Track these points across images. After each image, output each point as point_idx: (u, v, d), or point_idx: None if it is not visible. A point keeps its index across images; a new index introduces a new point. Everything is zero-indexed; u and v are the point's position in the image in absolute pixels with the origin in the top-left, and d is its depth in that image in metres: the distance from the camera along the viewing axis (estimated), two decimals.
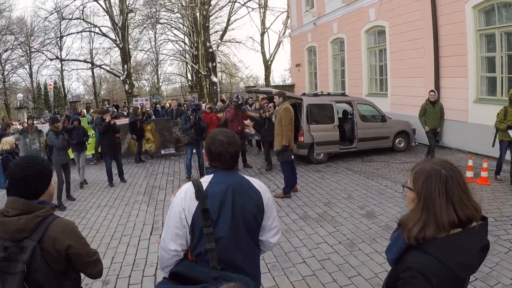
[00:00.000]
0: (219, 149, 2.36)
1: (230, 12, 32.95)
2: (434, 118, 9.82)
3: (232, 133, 2.50)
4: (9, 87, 38.40)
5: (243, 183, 2.41)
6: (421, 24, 12.50)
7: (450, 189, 1.65)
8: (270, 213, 2.48)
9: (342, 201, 7.65)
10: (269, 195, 2.50)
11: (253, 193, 2.40)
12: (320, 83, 21.08)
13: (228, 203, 2.27)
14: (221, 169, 2.40)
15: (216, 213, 2.24)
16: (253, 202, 2.37)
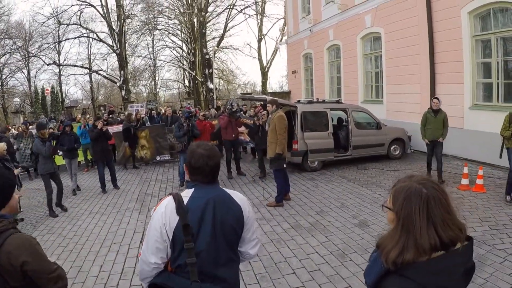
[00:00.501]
0: (199, 163, 2.36)
1: (227, 19, 33.00)
2: (435, 128, 9.02)
3: (212, 146, 2.50)
4: (7, 91, 38.35)
5: (223, 197, 2.42)
6: (417, 30, 12.43)
7: (431, 210, 1.52)
8: (251, 225, 2.50)
9: (335, 210, 7.53)
10: (249, 209, 2.51)
11: (234, 206, 2.41)
12: (316, 90, 20.99)
13: (208, 216, 2.29)
14: (202, 182, 2.40)
15: (197, 227, 2.26)
16: (233, 215, 2.38)
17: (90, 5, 29.11)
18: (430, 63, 11.96)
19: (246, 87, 48.11)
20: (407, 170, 10.45)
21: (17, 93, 40.11)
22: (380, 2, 14.13)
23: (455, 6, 10.93)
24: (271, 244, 6.11)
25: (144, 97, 46.97)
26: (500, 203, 7.31)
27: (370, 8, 14.80)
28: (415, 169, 10.57)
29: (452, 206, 1.58)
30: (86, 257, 6.05)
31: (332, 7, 17.41)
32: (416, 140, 12.53)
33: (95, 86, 45.87)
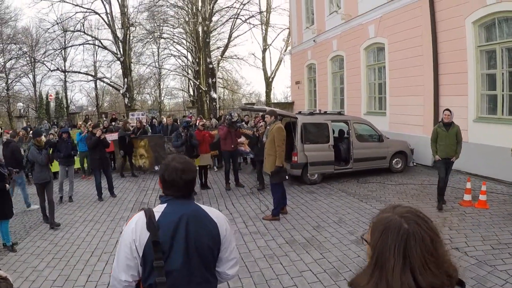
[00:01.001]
0: (172, 176, 2.26)
1: (231, 28, 32.92)
2: (447, 144, 8.00)
3: (187, 160, 2.39)
4: (12, 95, 38.50)
5: (198, 213, 2.30)
6: (421, 41, 12.24)
7: (410, 249, 1.28)
8: (228, 244, 2.39)
9: (332, 225, 7.28)
10: (226, 226, 2.40)
11: (209, 223, 2.30)
12: (320, 101, 20.83)
13: (181, 234, 2.18)
14: (175, 197, 2.30)
15: (168, 245, 2.15)
16: (209, 233, 2.27)
17: (95, 13, 29.15)
18: (434, 74, 11.76)
19: (250, 97, 48.10)
20: (408, 185, 10.19)
21: (22, 97, 40.30)
22: (384, 12, 13.98)
23: (459, 16, 10.75)
24: (263, 259, 5.89)
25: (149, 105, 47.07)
26: (504, 221, 7.05)
27: (374, 18, 14.64)
28: (417, 184, 10.28)
29: (440, 247, 1.34)
30: (75, 265, 5.98)
31: (336, 17, 17.29)
32: (419, 153, 12.31)
33: (100, 93, 46.08)
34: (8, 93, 37.68)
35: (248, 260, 5.92)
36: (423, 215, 1.39)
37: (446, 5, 11.25)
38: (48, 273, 5.73)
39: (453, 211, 7.64)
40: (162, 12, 31.37)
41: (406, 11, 12.88)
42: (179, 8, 32.57)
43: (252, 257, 6.03)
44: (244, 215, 8.30)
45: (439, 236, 1.35)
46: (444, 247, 1.35)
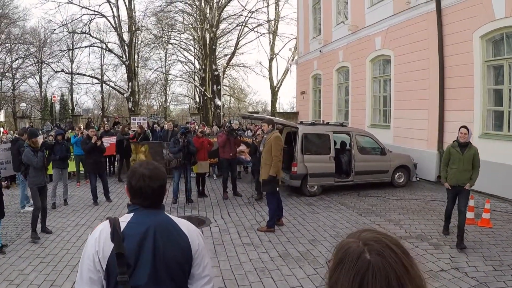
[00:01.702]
0: (139, 184, 2.09)
1: (238, 36, 32.84)
2: (460, 169, 6.63)
3: (157, 166, 2.21)
4: (18, 95, 38.66)
5: (167, 225, 2.12)
6: (427, 54, 12.03)
7: (366, 285, 0.97)
8: (201, 260, 2.18)
9: (328, 240, 7.03)
10: (199, 241, 2.19)
11: (179, 237, 2.11)
12: (324, 112, 20.62)
13: (148, 247, 2.00)
14: (143, 206, 2.12)
15: (134, 258, 1.97)
16: (179, 248, 2.08)
17: (102, 15, 29.16)
18: (440, 88, 11.52)
19: (257, 106, 48.02)
20: (410, 199, 9.92)
21: (27, 98, 40.47)
22: (391, 24, 13.80)
23: (467, 30, 10.54)
24: (254, 273, 5.66)
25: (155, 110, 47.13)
26: (507, 240, 6.79)
27: (381, 30, 14.46)
28: (419, 199, 10.01)
29: (411, 284, 0.99)
30: (61, 271, 5.84)
31: (343, 28, 17.12)
32: (422, 168, 12.04)
33: (106, 97, 46.21)
34: (14, 93, 37.84)
35: (238, 272, 5.69)
36: (394, 244, 1.05)
37: (454, 19, 11.05)
38: (34, 277, 5.58)
39: (454, 229, 7.30)
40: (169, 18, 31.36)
41: (413, 23, 12.69)
42: (188, 15, 32.64)
43: (243, 269, 5.79)
44: (239, 226, 8.07)
45: (409, 273, 1.00)
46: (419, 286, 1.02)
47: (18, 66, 36.99)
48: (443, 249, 6.36)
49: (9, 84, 38.47)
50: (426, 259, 5.89)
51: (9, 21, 34.45)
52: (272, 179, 7.51)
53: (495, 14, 9.75)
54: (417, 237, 7.00)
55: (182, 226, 2.16)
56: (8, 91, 38.20)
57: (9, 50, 35.59)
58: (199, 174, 11.00)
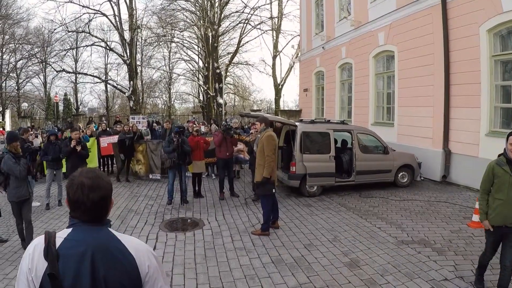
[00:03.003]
0: (77, 195, 1.82)
1: (241, 34, 32.46)
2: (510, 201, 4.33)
3: (99, 175, 1.92)
4: (22, 95, 38.69)
5: (109, 244, 1.84)
6: (432, 49, 11.56)
7: None
8: (153, 283, 1.90)
9: (325, 244, 6.62)
10: (150, 262, 1.89)
11: (123, 258, 1.82)
12: (327, 110, 20.22)
13: (86, 270, 1.73)
14: (83, 221, 1.85)
15: (71, 281, 1.71)
16: (123, 270, 1.79)
17: (102, 14, 28.87)
18: (445, 85, 11.07)
19: (262, 103, 47.76)
20: (414, 201, 9.47)
21: (31, 98, 40.54)
22: (394, 19, 13.37)
23: (473, 23, 10.08)
24: (243, 280, 5.28)
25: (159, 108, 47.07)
26: None
27: (384, 25, 14.02)
28: (423, 200, 9.53)
29: None
30: None
31: (346, 23, 16.70)
32: (427, 167, 11.61)
33: (110, 96, 46.18)
34: (18, 93, 37.86)
35: (226, 280, 5.31)
36: None
37: (460, 12, 10.61)
38: None
39: (459, 233, 6.92)
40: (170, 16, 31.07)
41: (417, 18, 12.25)
42: (190, 13, 32.34)
43: (232, 277, 5.41)
44: (233, 228, 7.69)
45: None
46: None
47: (22, 66, 37.00)
48: (447, 256, 5.90)
49: (13, 84, 38.54)
50: (429, 266, 5.48)
51: (12, 21, 34.35)
52: (266, 181, 7.12)
53: (502, 7, 9.30)
54: (420, 241, 6.55)
55: (129, 245, 1.86)
56: (13, 91, 38.22)
57: (13, 50, 35.54)
58: (195, 174, 10.65)
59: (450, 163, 11.20)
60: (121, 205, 9.82)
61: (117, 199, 10.53)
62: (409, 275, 5.22)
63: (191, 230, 7.66)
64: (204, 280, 5.32)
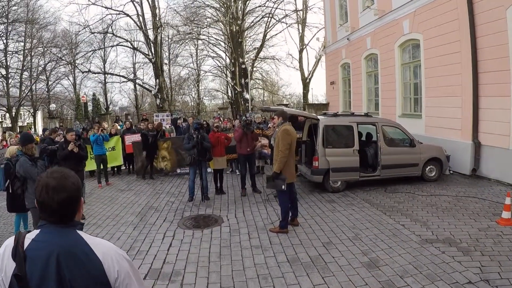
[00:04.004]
0: (43, 196, 1.80)
1: (266, 28, 32.22)
2: None
3: (67, 175, 1.87)
4: (52, 97, 39.67)
5: (75, 247, 1.77)
6: (458, 36, 11.00)
7: None
8: None
9: (345, 242, 6.36)
10: (120, 266, 1.82)
11: (89, 262, 1.76)
12: (354, 102, 19.75)
13: (51, 272, 1.69)
14: (50, 222, 1.81)
15: (37, 282, 1.69)
16: (89, 274, 1.75)
17: (126, 15, 29.20)
18: (473, 73, 10.50)
19: (291, 98, 47.44)
20: (441, 196, 9.02)
21: (61, 99, 41.54)
22: (418, 5, 12.81)
23: (500, 7, 9.48)
24: (255, 280, 5.11)
25: (190, 106, 47.45)
26: None
27: (408, 13, 13.47)
28: (451, 195, 9.06)
29: None
30: None
31: (369, 13, 16.18)
32: (456, 160, 11.12)
33: (139, 94, 46.80)
34: (48, 95, 38.81)
35: (238, 279, 5.16)
36: None
37: None
38: None
39: (488, 231, 6.49)
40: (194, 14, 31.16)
41: (441, 3, 11.67)
42: (214, 9, 32.31)
43: (244, 276, 5.25)
44: (251, 225, 7.53)
45: None
46: None
47: (52, 69, 37.89)
48: (473, 256, 5.47)
49: (44, 86, 39.54)
50: (453, 268, 5.11)
51: (39, 26, 35.25)
52: (275, 176, 6.89)
53: None
54: (445, 240, 6.16)
55: (96, 249, 1.80)
56: (43, 93, 39.20)
57: (42, 54, 36.39)
58: (217, 170, 10.54)
59: (480, 155, 10.66)
60: (142, 203, 9.88)
61: (139, 196, 10.67)
62: (430, 277, 4.88)
63: (209, 228, 7.55)
64: (216, 279, 5.19)
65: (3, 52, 32.83)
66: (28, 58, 35.68)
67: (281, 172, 6.87)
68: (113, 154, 13.96)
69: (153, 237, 7.13)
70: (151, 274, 5.45)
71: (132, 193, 10.99)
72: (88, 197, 10.67)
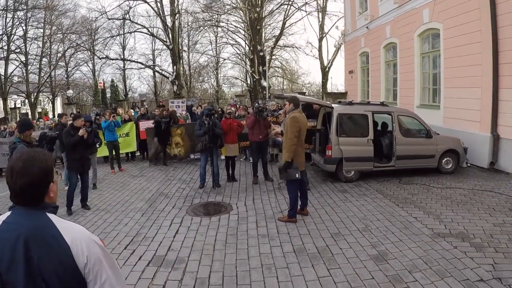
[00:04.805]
0: (7, 179, 1.78)
1: (285, 16, 31.89)
2: None
3: (32, 157, 1.80)
4: (72, 83, 40.09)
5: (44, 231, 1.72)
6: (479, 25, 10.60)
7: None
8: (95, 277, 1.75)
9: (354, 234, 6.19)
10: (90, 252, 1.75)
11: (58, 246, 1.70)
12: (372, 92, 19.39)
13: (20, 255, 1.65)
14: (19, 205, 1.78)
15: (7, 265, 1.64)
16: (56, 259, 1.68)
17: (143, 1, 29.21)
18: (493, 64, 10.13)
19: (311, 87, 47.07)
20: (457, 189, 8.75)
21: (80, 85, 41.95)
22: None
23: None
24: (259, 270, 4.99)
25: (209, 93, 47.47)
26: None
27: (428, 1, 13.03)
28: (467, 188, 8.79)
29: None
30: None
31: (389, 1, 15.77)
32: (473, 152, 10.80)
33: (158, 81, 46.95)
34: (68, 81, 39.22)
35: (241, 269, 5.05)
36: None
37: None
38: None
39: (503, 227, 6.14)
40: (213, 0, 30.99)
41: None
42: None
43: (248, 265, 5.15)
44: (260, 214, 7.42)
45: None
46: None
47: (71, 55, 38.20)
48: (486, 252, 5.22)
49: (63, 72, 39.94)
50: (464, 264, 4.87)
51: (58, 12, 35.54)
52: (287, 165, 6.73)
53: None
54: (458, 235, 5.92)
55: (65, 233, 1.74)
56: (62, 80, 39.60)
57: (61, 40, 36.66)
58: (229, 157, 10.45)
59: (499, 148, 10.32)
60: (153, 189, 9.88)
61: (151, 182, 10.67)
62: (440, 272, 4.67)
63: (217, 215, 7.47)
64: (219, 268, 5.10)
65: (23, 38, 33.12)
66: (47, 44, 35.98)
67: (292, 160, 6.71)
68: (127, 140, 13.99)
69: (161, 223, 7.08)
70: (155, 261, 5.39)
71: (144, 179, 11.00)
72: (100, 182, 10.75)
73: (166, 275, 4.96)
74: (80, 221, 7.37)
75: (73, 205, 8.17)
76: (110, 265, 1.80)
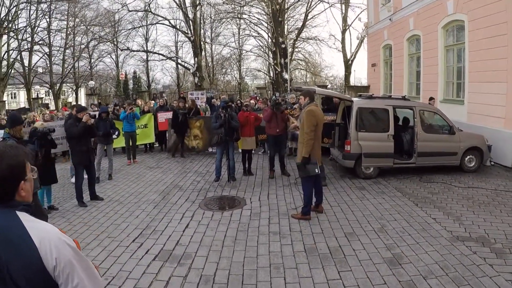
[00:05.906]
0: None
1: (307, 8, 31.51)
2: None
3: (3, 152, 1.69)
4: (95, 74, 40.54)
5: (10, 230, 1.61)
6: (505, 17, 10.11)
7: None
8: (67, 279, 1.62)
9: (369, 234, 5.95)
10: (59, 254, 1.60)
11: (25, 247, 1.58)
12: (395, 86, 18.97)
13: None
14: None
15: None
16: (23, 261, 1.57)
17: None
18: None
19: (335, 80, 46.56)
20: (479, 189, 8.38)
21: (103, 76, 42.41)
22: None
23: None
24: (266, 270, 4.84)
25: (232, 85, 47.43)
26: None
27: None
28: (490, 189, 8.40)
29: None
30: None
31: None
32: (498, 150, 10.39)
33: (181, 73, 47.09)
34: (91, 72, 39.68)
35: (248, 267, 4.91)
36: None
37: None
38: None
39: None
40: None
41: None
42: None
43: (256, 264, 5.00)
44: (274, 210, 7.26)
45: None
46: None
47: (94, 47, 38.60)
48: (507, 259, 4.90)
49: (86, 64, 40.44)
50: (483, 271, 4.57)
51: (81, 5, 35.87)
52: (306, 161, 6.53)
53: None
54: (478, 239, 5.61)
55: (34, 233, 1.61)
56: (85, 71, 40.08)
57: (85, 32, 37.04)
58: (245, 151, 10.30)
59: None
60: (167, 181, 9.85)
61: (167, 174, 10.66)
62: (457, 280, 4.40)
63: (229, 210, 7.36)
64: (226, 266, 4.97)
65: (46, 30, 33.53)
66: (70, 36, 36.41)
67: (310, 156, 6.51)
68: (145, 131, 14.00)
69: (172, 217, 7.02)
70: (161, 256, 5.31)
71: (160, 171, 10.98)
72: (116, 173, 10.77)
73: (171, 270, 4.86)
74: (92, 212, 7.44)
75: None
76: (83, 268, 1.68)
